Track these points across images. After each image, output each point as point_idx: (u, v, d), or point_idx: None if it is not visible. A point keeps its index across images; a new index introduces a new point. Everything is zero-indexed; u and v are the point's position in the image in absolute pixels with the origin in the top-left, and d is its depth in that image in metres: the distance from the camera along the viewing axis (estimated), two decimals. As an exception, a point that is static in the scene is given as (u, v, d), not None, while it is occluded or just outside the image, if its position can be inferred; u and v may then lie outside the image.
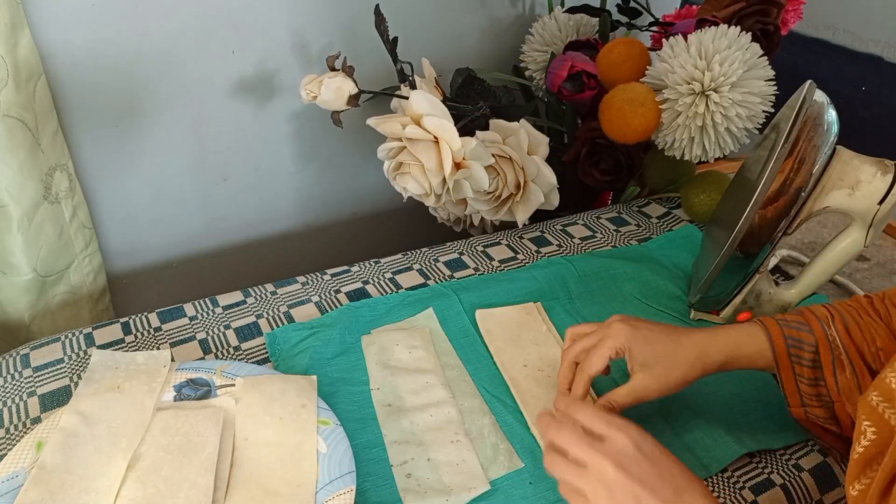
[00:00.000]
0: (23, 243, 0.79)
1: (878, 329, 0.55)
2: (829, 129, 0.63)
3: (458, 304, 0.76)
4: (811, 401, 0.56)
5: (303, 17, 0.92)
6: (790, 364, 0.56)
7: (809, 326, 0.56)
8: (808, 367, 0.55)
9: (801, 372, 0.55)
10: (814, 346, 0.55)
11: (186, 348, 0.70)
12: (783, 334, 0.56)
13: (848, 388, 0.54)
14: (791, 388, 0.56)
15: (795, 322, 0.57)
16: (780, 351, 0.56)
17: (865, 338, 0.55)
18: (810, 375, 0.55)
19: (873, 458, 0.42)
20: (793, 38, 1.24)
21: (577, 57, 0.93)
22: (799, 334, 0.56)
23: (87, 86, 0.82)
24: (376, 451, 0.59)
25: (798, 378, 0.56)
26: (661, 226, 0.94)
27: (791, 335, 0.56)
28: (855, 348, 0.54)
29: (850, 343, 0.55)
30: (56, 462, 0.53)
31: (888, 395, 0.42)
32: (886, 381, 0.42)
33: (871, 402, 0.43)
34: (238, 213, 1.04)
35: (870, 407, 0.43)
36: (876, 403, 0.43)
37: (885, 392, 0.42)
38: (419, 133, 0.77)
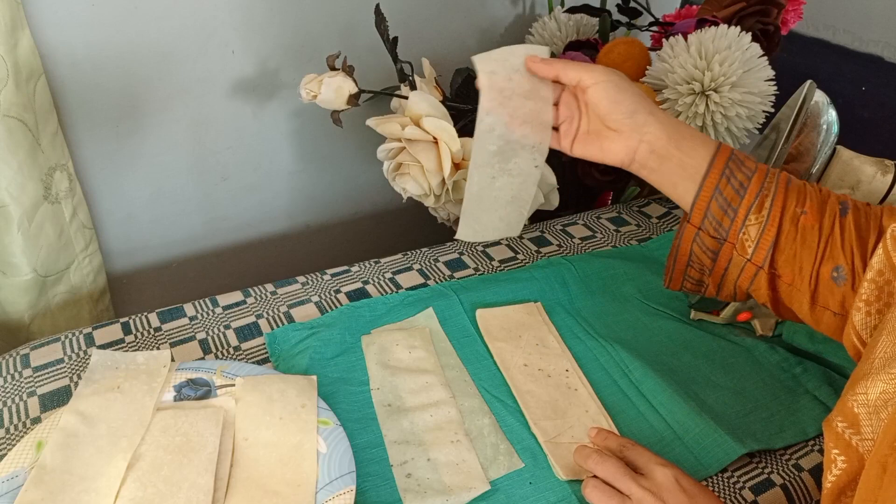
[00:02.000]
0: (23, 243, 0.79)
1: (814, 201, 0.53)
2: (829, 129, 0.63)
3: (458, 304, 0.76)
4: (710, 225, 0.55)
5: (303, 17, 0.92)
6: (721, 174, 0.54)
7: (756, 162, 0.55)
8: (732, 189, 0.54)
9: (723, 187, 0.54)
10: (751, 173, 0.54)
11: (186, 348, 0.70)
12: (731, 150, 0.55)
13: (747, 234, 0.54)
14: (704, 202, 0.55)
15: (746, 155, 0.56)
16: (719, 158, 0.54)
17: (799, 198, 0.53)
18: (729, 195, 0.54)
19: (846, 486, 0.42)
20: (793, 38, 1.24)
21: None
22: (745, 159, 0.55)
23: (87, 86, 0.82)
24: (376, 451, 0.59)
25: (717, 192, 0.54)
26: (661, 226, 0.94)
27: (738, 156, 0.55)
28: (782, 202, 0.53)
29: (782, 194, 0.53)
30: (56, 462, 0.53)
31: (852, 421, 0.42)
32: (849, 406, 0.42)
33: (836, 428, 0.42)
34: (238, 213, 1.04)
35: (836, 434, 0.43)
36: (842, 430, 0.42)
37: (850, 418, 0.42)
38: (419, 134, 0.77)
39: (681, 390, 0.65)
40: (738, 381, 0.67)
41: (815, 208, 0.53)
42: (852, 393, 0.42)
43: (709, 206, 0.55)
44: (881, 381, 0.40)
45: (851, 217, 0.52)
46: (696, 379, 0.68)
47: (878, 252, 0.47)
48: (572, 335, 0.73)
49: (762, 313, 0.74)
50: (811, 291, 0.53)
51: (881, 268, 0.46)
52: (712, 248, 0.56)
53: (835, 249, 0.51)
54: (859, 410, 0.41)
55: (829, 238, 0.52)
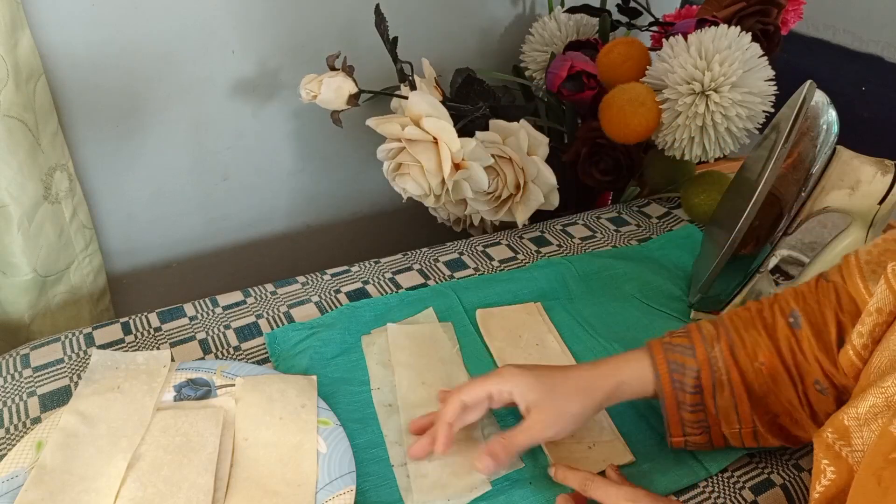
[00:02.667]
0: (23, 243, 0.79)
1: (761, 342, 0.54)
2: (829, 129, 0.63)
3: (458, 304, 0.76)
4: (693, 428, 0.56)
5: (303, 17, 0.92)
6: (673, 392, 0.55)
7: (693, 350, 0.55)
8: (690, 394, 0.55)
9: (683, 399, 0.55)
10: (696, 372, 0.55)
11: (186, 348, 0.70)
12: (667, 360, 0.55)
13: (725, 410, 0.55)
14: (674, 417, 0.56)
15: (680, 346, 0.56)
16: (664, 379, 0.55)
17: (749, 354, 0.54)
18: (693, 401, 0.55)
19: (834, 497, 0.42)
20: (793, 38, 1.24)
21: (577, 57, 0.93)
22: (683, 359, 0.55)
23: (87, 86, 0.82)
24: (376, 451, 0.59)
25: (681, 406, 0.55)
26: (661, 226, 0.94)
27: (675, 360, 0.55)
28: (737, 369, 0.54)
29: (733, 363, 0.54)
30: (56, 462, 0.53)
31: (842, 433, 0.42)
32: (840, 419, 0.42)
33: (826, 439, 0.43)
34: (238, 213, 1.04)
35: (826, 445, 0.43)
36: (832, 441, 0.42)
37: (840, 429, 0.42)
38: (418, 134, 0.77)
39: (681, 390, 0.65)
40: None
41: (769, 351, 0.54)
42: (844, 409, 0.43)
43: (682, 419, 0.56)
44: (871, 395, 0.41)
45: (805, 326, 0.53)
46: (696, 379, 0.68)
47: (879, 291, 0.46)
48: (572, 335, 0.73)
49: (762, 313, 0.74)
50: (810, 413, 0.54)
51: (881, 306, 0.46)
52: (705, 441, 0.57)
53: (804, 368, 0.53)
54: (850, 423, 0.42)
55: (794, 364, 0.53)
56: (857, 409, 0.41)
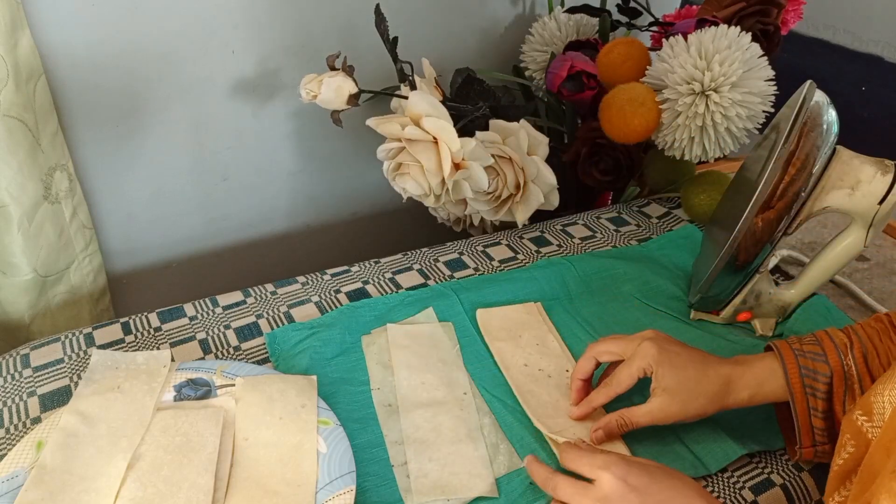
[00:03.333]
0: (23, 243, 0.79)
1: (894, 350, 0.54)
2: (829, 129, 0.63)
3: (458, 304, 0.76)
4: (822, 437, 0.55)
5: (303, 18, 0.92)
6: (804, 396, 0.55)
7: (825, 356, 0.55)
8: (821, 400, 0.54)
9: (815, 405, 0.55)
10: (828, 377, 0.54)
11: (186, 348, 0.70)
12: (798, 365, 0.55)
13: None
14: (805, 424, 0.55)
15: (812, 352, 0.56)
16: (795, 383, 0.55)
17: (882, 363, 0.54)
18: (824, 408, 0.55)
19: (851, 471, 0.43)
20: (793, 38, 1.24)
21: (577, 57, 0.93)
22: (814, 365, 0.55)
23: (87, 86, 0.82)
24: (376, 451, 0.59)
25: (812, 412, 0.55)
26: (661, 226, 0.94)
27: (806, 366, 0.55)
28: (870, 376, 0.54)
29: (866, 371, 0.54)
30: (56, 462, 0.53)
31: (867, 410, 0.43)
32: (868, 398, 0.43)
33: (854, 419, 0.43)
34: (238, 213, 1.04)
35: (850, 421, 0.43)
36: (856, 418, 0.43)
37: (866, 407, 0.43)
38: (418, 134, 0.77)
39: (681, 390, 0.65)
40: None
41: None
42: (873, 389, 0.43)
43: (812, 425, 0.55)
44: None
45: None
46: (696, 379, 0.68)
47: None
48: (572, 335, 0.73)
49: (762, 313, 0.74)
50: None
51: None
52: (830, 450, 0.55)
53: None
54: (874, 400, 0.42)
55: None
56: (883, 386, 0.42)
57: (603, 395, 0.59)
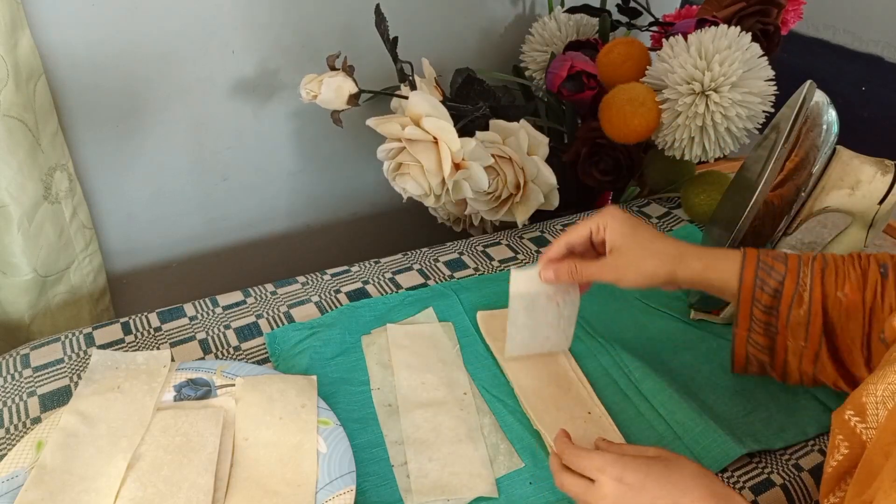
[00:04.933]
0: (23, 243, 0.79)
1: (853, 275, 0.55)
2: (829, 129, 0.63)
3: (458, 304, 0.76)
4: (759, 327, 0.57)
5: (303, 18, 0.92)
6: (753, 287, 0.57)
7: (786, 258, 0.57)
8: (768, 294, 0.56)
9: (759, 297, 0.57)
10: (782, 277, 0.56)
11: (186, 348, 0.70)
12: (758, 257, 0.57)
13: (796, 325, 0.56)
14: (745, 311, 0.57)
15: (775, 253, 0.58)
16: (748, 271, 0.57)
17: (837, 281, 0.55)
18: (767, 303, 0.56)
19: (846, 472, 0.43)
20: (793, 38, 1.24)
21: (577, 57, 0.93)
22: (773, 262, 0.57)
23: (87, 86, 0.82)
24: (376, 451, 0.59)
25: (755, 302, 0.57)
26: (661, 226, 0.94)
27: (765, 261, 0.57)
28: (821, 289, 0.55)
29: (820, 283, 0.56)
30: (56, 462, 0.53)
31: (860, 410, 0.43)
32: (859, 396, 0.43)
33: (845, 417, 0.43)
34: (238, 213, 1.04)
35: (842, 421, 0.44)
36: (848, 418, 0.43)
37: (858, 407, 0.43)
38: (419, 134, 0.77)
39: (681, 390, 0.65)
40: (738, 382, 0.67)
41: (856, 286, 0.55)
42: (864, 386, 0.43)
43: (751, 314, 0.57)
44: (892, 373, 0.41)
45: (892, 277, 0.54)
46: (696, 379, 0.68)
47: None
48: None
49: (762, 313, 0.74)
50: (865, 358, 0.55)
51: None
52: (767, 344, 0.58)
53: (878, 315, 0.54)
54: (867, 400, 0.42)
55: (871, 308, 0.54)
56: (875, 387, 0.42)
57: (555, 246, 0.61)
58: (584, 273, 0.60)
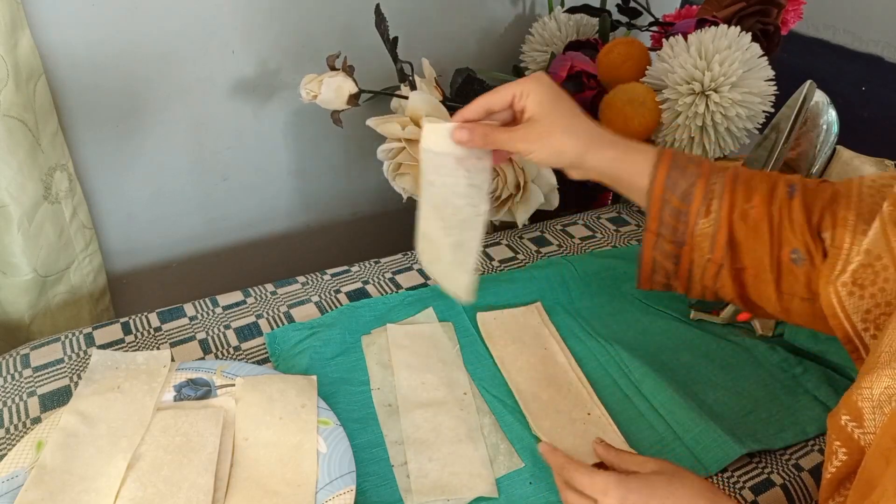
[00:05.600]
0: (23, 243, 0.79)
1: (761, 189, 0.54)
2: (829, 129, 0.64)
3: (458, 304, 0.75)
4: (667, 232, 0.56)
5: (303, 18, 0.92)
6: (664, 187, 0.55)
7: (699, 165, 0.55)
8: (677, 198, 0.55)
9: (669, 199, 0.55)
10: (694, 179, 0.55)
11: (186, 348, 0.70)
12: (673, 157, 0.55)
13: (702, 235, 0.54)
14: (655, 211, 0.55)
15: (689, 158, 0.56)
16: (661, 170, 0.55)
17: (746, 193, 0.54)
18: (676, 206, 0.55)
19: (845, 478, 0.42)
20: (793, 38, 1.24)
21: (577, 57, 0.94)
22: (687, 165, 0.55)
23: (87, 86, 0.82)
24: (377, 451, 0.59)
25: (665, 204, 0.55)
26: (661, 226, 0.94)
27: (679, 162, 0.55)
28: (730, 198, 0.54)
29: (729, 192, 0.54)
30: (56, 462, 0.53)
31: (856, 415, 0.42)
32: (854, 400, 0.42)
33: (840, 422, 0.43)
34: (238, 213, 1.04)
35: (839, 427, 0.43)
36: (845, 423, 0.43)
37: (854, 411, 0.42)
38: (419, 134, 0.77)
39: (681, 390, 0.65)
40: (738, 382, 0.67)
41: (763, 199, 0.54)
42: (857, 387, 0.42)
43: (661, 216, 0.56)
44: (886, 377, 0.41)
45: (799, 198, 0.53)
46: (696, 379, 0.68)
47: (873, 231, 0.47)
48: (572, 335, 0.73)
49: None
50: (775, 280, 0.53)
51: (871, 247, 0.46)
52: (673, 252, 0.57)
53: (786, 233, 0.52)
54: (863, 405, 0.42)
55: (779, 224, 0.53)
56: (871, 391, 0.41)
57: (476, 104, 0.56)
58: (495, 138, 0.55)
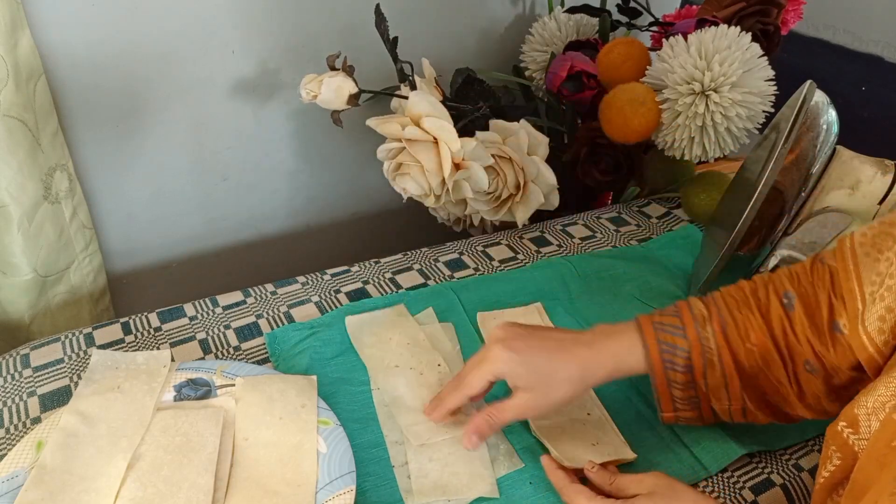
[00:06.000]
0: (23, 243, 0.79)
1: (754, 322, 0.54)
2: (829, 129, 0.63)
3: (458, 304, 0.76)
4: (683, 404, 0.56)
5: (303, 17, 0.92)
6: (664, 371, 0.55)
7: (684, 330, 0.56)
8: (681, 373, 0.55)
9: (674, 377, 0.55)
10: (687, 352, 0.55)
11: (186, 348, 0.70)
12: (657, 340, 0.56)
13: (715, 388, 0.55)
14: (665, 394, 0.56)
15: (671, 325, 0.56)
16: (654, 359, 0.55)
17: (741, 334, 0.54)
18: (683, 380, 0.55)
19: (839, 483, 0.43)
20: (793, 38, 1.24)
21: (577, 57, 0.93)
22: (674, 339, 0.55)
23: (87, 86, 0.82)
24: (377, 451, 0.59)
25: (672, 384, 0.56)
26: (661, 226, 0.94)
27: (665, 340, 0.55)
28: (729, 349, 0.54)
29: (725, 344, 0.55)
30: (56, 462, 0.53)
31: (852, 422, 0.43)
32: (852, 409, 0.43)
33: (838, 430, 0.43)
34: (238, 213, 1.04)
35: (836, 433, 0.44)
36: (841, 429, 0.43)
37: (851, 419, 0.43)
38: (418, 134, 0.77)
39: (681, 390, 0.65)
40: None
41: (761, 331, 0.54)
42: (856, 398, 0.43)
43: (672, 396, 0.56)
44: (881, 385, 0.41)
45: (798, 306, 0.53)
46: (696, 379, 0.68)
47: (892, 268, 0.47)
48: (572, 335, 0.73)
49: (762, 313, 0.74)
50: (797, 393, 0.54)
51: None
52: (695, 416, 0.57)
53: (795, 348, 0.53)
54: (859, 412, 0.42)
55: (786, 345, 0.54)
56: (866, 398, 0.42)
57: (456, 398, 0.58)
58: (502, 421, 0.56)
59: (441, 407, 0.59)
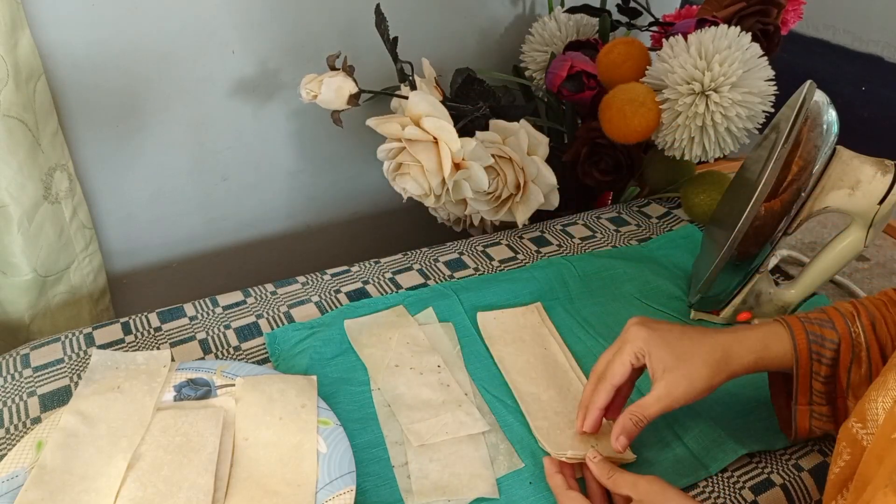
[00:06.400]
0: (23, 243, 0.79)
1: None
2: (829, 129, 0.63)
3: (458, 304, 0.76)
4: (819, 398, 0.55)
5: (303, 17, 0.92)
6: (809, 361, 0.54)
7: (833, 323, 0.55)
8: (826, 366, 0.54)
9: (818, 370, 0.54)
10: (836, 344, 0.54)
11: (186, 348, 0.70)
12: (805, 330, 0.55)
13: (857, 383, 0.54)
14: (804, 385, 0.55)
15: (818, 319, 0.55)
16: (801, 347, 0.54)
17: (891, 332, 0.54)
18: (826, 373, 0.54)
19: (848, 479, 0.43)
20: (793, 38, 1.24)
21: (576, 57, 0.93)
22: (822, 331, 0.55)
23: (87, 86, 0.82)
24: (377, 451, 0.59)
25: (814, 375, 0.55)
26: (661, 226, 0.94)
27: (813, 331, 0.55)
28: (877, 344, 0.53)
29: (874, 338, 0.54)
30: (56, 462, 0.53)
31: (862, 418, 0.43)
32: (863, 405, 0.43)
33: (850, 427, 0.44)
34: (238, 213, 1.04)
35: (846, 429, 0.44)
36: (851, 425, 0.43)
37: (861, 415, 0.43)
38: (418, 134, 0.77)
39: (681, 390, 0.64)
40: (738, 382, 0.67)
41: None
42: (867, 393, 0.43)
43: (811, 387, 0.55)
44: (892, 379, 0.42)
45: None
46: (696, 379, 0.68)
47: None
48: (572, 335, 0.73)
49: (762, 313, 0.74)
50: None
51: None
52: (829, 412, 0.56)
53: None
54: (867, 406, 0.43)
55: None
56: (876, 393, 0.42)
57: (603, 394, 0.56)
58: (647, 416, 0.54)
59: (592, 408, 0.57)
